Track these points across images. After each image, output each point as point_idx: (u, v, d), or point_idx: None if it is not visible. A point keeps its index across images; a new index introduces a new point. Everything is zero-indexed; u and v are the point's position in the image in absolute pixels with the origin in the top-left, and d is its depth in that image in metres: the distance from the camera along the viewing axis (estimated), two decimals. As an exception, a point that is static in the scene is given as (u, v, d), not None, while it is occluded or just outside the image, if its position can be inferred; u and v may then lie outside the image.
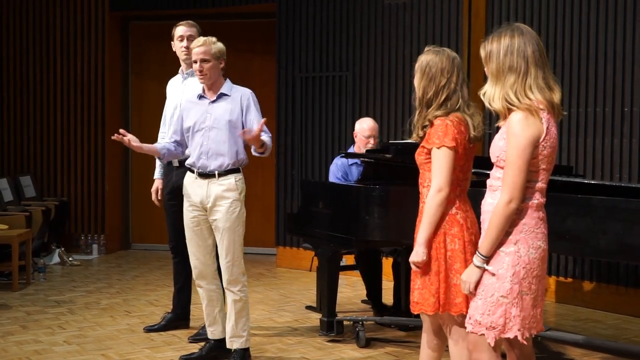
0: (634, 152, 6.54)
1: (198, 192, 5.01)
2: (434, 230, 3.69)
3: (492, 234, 3.25)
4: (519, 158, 3.18)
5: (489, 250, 3.28)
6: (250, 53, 9.42)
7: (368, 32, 8.25)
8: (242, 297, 5.01)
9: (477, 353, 3.39)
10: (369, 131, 6.34)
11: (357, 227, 5.34)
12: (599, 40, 6.74)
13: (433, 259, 3.70)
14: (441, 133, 3.66)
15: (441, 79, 3.74)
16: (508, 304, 3.27)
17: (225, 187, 4.96)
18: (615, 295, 6.66)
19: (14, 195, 8.81)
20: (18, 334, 5.88)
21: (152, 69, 9.79)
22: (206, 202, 4.98)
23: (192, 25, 5.83)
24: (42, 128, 9.60)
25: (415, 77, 3.82)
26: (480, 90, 3.37)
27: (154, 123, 9.62)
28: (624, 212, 4.25)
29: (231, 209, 4.95)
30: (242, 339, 5.04)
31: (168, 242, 5.98)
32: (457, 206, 3.72)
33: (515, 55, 3.26)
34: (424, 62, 3.79)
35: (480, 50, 3.40)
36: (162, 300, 7.04)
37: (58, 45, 9.53)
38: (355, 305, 6.85)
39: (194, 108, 5.08)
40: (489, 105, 3.31)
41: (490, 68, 3.32)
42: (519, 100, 3.22)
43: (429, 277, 3.70)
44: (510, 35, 3.29)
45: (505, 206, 3.20)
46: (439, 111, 3.72)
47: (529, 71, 3.25)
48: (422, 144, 3.76)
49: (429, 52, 3.82)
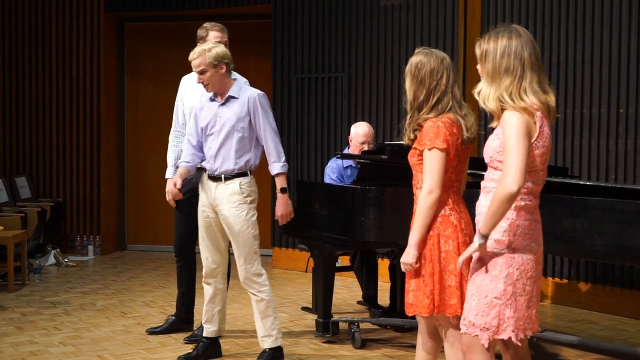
0: (629, 154, 6.55)
1: (208, 194, 5.07)
2: (425, 231, 3.68)
3: (492, 217, 3.22)
4: (518, 142, 3.16)
5: (487, 230, 3.25)
6: (246, 54, 9.41)
7: (364, 33, 8.26)
8: (262, 297, 5.01)
9: (471, 354, 3.39)
10: (363, 137, 6.33)
11: (352, 229, 5.34)
12: (594, 42, 6.75)
13: (427, 260, 3.70)
14: (432, 135, 3.65)
15: (431, 81, 3.74)
16: (502, 305, 3.28)
17: (230, 190, 4.97)
18: (611, 297, 6.67)
19: (10, 196, 8.80)
20: (13, 335, 5.88)
21: (147, 70, 9.79)
22: (215, 204, 5.04)
23: (224, 30, 5.74)
24: (38, 129, 9.59)
25: (405, 81, 3.82)
26: (474, 88, 3.37)
27: (149, 123, 9.69)
28: (620, 213, 4.25)
29: (237, 212, 4.96)
30: (271, 338, 5.04)
31: (173, 244, 5.96)
32: (450, 207, 3.72)
33: (512, 57, 3.26)
34: (413, 64, 3.78)
35: (475, 48, 3.40)
36: (158, 301, 7.04)
37: (54, 46, 9.51)
38: (351, 307, 6.85)
39: (206, 109, 5.10)
40: (483, 104, 3.31)
41: (486, 68, 3.31)
42: (514, 102, 3.22)
43: (423, 278, 3.70)
44: (508, 37, 3.29)
45: (507, 189, 3.14)
46: (430, 114, 3.72)
47: (524, 74, 3.25)
48: (414, 146, 3.76)
49: (418, 54, 3.82)
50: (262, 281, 5.05)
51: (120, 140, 9.86)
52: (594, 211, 4.32)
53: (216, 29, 5.69)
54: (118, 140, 9.82)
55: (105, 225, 9.55)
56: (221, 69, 4.96)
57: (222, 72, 4.97)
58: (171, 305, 6.54)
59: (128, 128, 9.95)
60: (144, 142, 9.68)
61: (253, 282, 5.03)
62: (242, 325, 6.21)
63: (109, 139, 9.58)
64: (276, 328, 5.05)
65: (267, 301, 5.02)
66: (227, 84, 5.03)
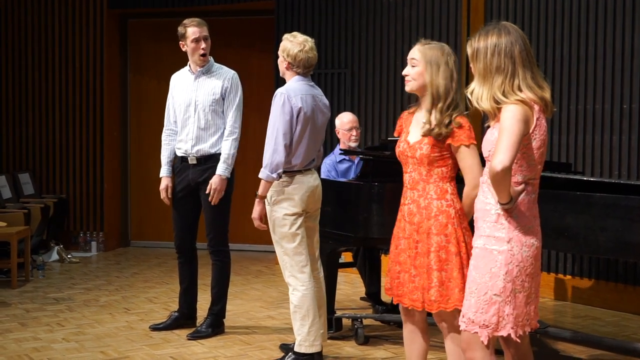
0: (633, 149, 6.54)
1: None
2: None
3: (496, 192, 3.25)
4: (513, 124, 3.16)
5: (505, 199, 3.26)
6: (249, 50, 9.42)
7: (367, 29, 8.24)
8: (292, 299, 4.89)
9: (470, 351, 3.38)
10: (349, 124, 6.35)
11: (356, 225, 5.33)
12: (598, 37, 6.73)
13: (453, 254, 3.70)
14: (469, 131, 3.72)
15: (455, 77, 3.78)
16: (501, 302, 3.27)
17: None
18: (614, 293, 6.66)
19: (13, 193, 8.80)
20: (17, 332, 5.88)
21: (150, 67, 9.79)
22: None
23: (204, 24, 5.74)
24: (41, 125, 9.60)
25: (427, 72, 3.76)
26: (466, 88, 3.37)
27: (152, 120, 9.68)
28: (623, 209, 4.24)
29: (269, 217, 4.92)
30: (295, 342, 4.93)
31: (173, 241, 5.95)
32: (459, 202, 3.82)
33: (502, 55, 3.25)
34: (442, 58, 3.76)
35: (467, 48, 3.39)
36: (161, 297, 7.04)
37: (57, 43, 9.52)
38: (354, 303, 6.84)
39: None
40: (476, 104, 3.30)
41: (477, 68, 3.31)
42: (508, 98, 3.22)
43: (446, 272, 3.70)
44: (497, 35, 3.28)
45: (495, 167, 3.13)
46: (456, 110, 3.74)
47: (516, 72, 3.24)
48: (448, 141, 3.72)
49: (436, 47, 3.80)
50: (296, 285, 4.86)
51: (123, 136, 9.87)
52: (598, 207, 4.31)
53: (194, 24, 5.70)
54: (121, 137, 9.83)
55: (109, 222, 9.55)
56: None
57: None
58: (174, 302, 6.54)
59: (131, 124, 9.95)
60: (147, 139, 9.67)
61: (289, 284, 4.92)
62: (244, 322, 6.21)
63: (111, 136, 9.59)
64: (302, 334, 4.88)
65: (295, 305, 4.87)
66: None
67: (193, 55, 5.70)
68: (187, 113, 5.70)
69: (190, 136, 5.68)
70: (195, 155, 5.68)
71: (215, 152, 5.66)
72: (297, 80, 4.92)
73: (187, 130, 5.70)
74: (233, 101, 5.69)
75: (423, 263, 3.76)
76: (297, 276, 4.86)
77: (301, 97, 4.82)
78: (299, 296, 4.85)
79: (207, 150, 5.66)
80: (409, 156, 3.82)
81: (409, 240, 3.83)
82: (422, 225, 3.78)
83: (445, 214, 3.75)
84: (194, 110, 5.68)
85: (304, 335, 4.87)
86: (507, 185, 3.20)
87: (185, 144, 5.71)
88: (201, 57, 5.67)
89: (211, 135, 5.67)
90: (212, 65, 5.75)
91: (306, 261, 4.87)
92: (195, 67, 5.73)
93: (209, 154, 5.67)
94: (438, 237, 3.73)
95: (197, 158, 5.68)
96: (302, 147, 4.84)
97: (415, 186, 3.82)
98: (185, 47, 5.72)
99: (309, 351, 4.88)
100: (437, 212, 3.75)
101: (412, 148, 3.79)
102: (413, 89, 3.83)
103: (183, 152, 5.74)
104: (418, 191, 3.81)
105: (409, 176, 3.86)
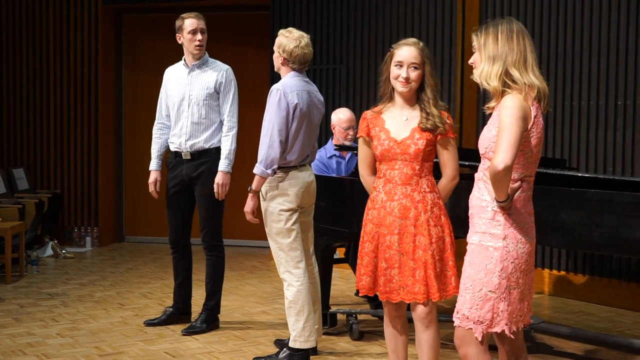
0: (627, 145, 6.55)
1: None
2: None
3: (495, 191, 3.26)
4: (512, 123, 3.16)
5: (503, 197, 3.27)
6: (245, 45, 9.41)
7: (362, 24, 8.24)
8: (287, 295, 4.88)
9: (464, 347, 3.39)
10: (347, 122, 6.27)
11: (350, 220, 5.34)
12: (593, 33, 6.74)
13: (449, 243, 3.95)
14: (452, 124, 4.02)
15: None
16: (496, 298, 3.28)
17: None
18: (608, 288, 6.67)
19: (7, 188, 8.78)
20: (11, 327, 5.87)
21: (145, 61, 9.77)
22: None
23: (202, 17, 5.74)
24: (36, 120, 9.57)
25: (428, 69, 3.98)
26: (473, 73, 3.40)
27: (147, 115, 9.63)
28: (618, 205, 4.24)
29: (264, 212, 4.92)
30: (290, 338, 4.92)
31: (168, 236, 5.95)
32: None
33: (515, 38, 3.30)
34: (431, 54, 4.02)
35: (472, 38, 3.40)
36: (156, 292, 7.04)
37: (51, 37, 9.49)
38: (349, 298, 6.85)
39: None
40: (486, 84, 3.31)
41: (487, 52, 3.31)
42: (521, 75, 3.23)
43: (445, 261, 3.93)
44: (508, 22, 3.35)
45: (494, 167, 3.14)
46: (441, 104, 4.03)
47: (527, 56, 3.29)
48: (439, 135, 3.89)
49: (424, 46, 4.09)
50: (291, 280, 4.86)
51: (117, 131, 9.85)
52: (592, 203, 4.32)
53: (191, 17, 5.72)
54: (116, 132, 9.81)
55: (103, 217, 9.54)
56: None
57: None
58: (169, 297, 6.54)
59: (126, 120, 9.93)
60: (142, 134, 9.65)
61: (283, 279, 4.92)
62: (239, 317, 6.21)
63: (106, 131, 9.57)
64: (296, 330, 4.87)
65: (290, 301, 4.86)
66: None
67: (189, 47, 5.69)
68: (180, 107, 5.69)
69: (184, 130, 5.67)
70: (190, 150, 5.67)
71: (209, 147, 5.66)
72: (292, 76, 4.91)
73: (180, 125, 5.69)
74: (228, 96, 5.68)
75: (422, 256, 3.84)
76: (292, 272, 4.86)
77: (297, 93, 4.82)
78: (294, 292, 4.84)
79: (201, 145, 5.66)
80: (398, 153, 3.86)
81: (401, 236, 3.86)
82: (419, 218, 3.86)
83: (437, 205, 3.92)
84: (187, 105, 5.67)
85: (298, 331, 4.87)
86: (507, 184, 3.21)
87: (178, 138, 5.70)
88: (197, 47, 5.65)
89: (205, 129, 5.66)
90: (206, 59, 5.75)
91: (301, 257, 4.87)
92: (190, 60, 5.71)
93: (203, 148, 5.66)
94: (436, 228, 3.88)
95: (191, 153, 5.68)
96: (297, 143, 4.84)
97: (408, 181, 3.87)
98: (182, 39, 5.71)
99: (304, 347, 4.88)
100: (432, 205, 3.89)
101: (403, 144, 3.85)
102: (414, 88, 4.01)
103: (177, 147, 5.73)
104: (411, 186, 3.86)
105: (399, 172, 3.89)
